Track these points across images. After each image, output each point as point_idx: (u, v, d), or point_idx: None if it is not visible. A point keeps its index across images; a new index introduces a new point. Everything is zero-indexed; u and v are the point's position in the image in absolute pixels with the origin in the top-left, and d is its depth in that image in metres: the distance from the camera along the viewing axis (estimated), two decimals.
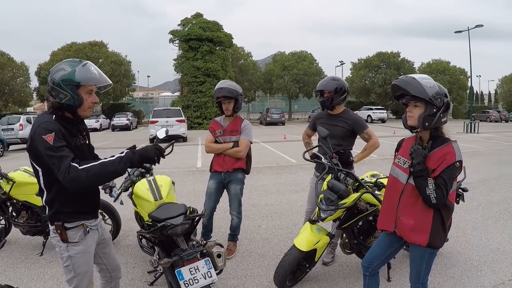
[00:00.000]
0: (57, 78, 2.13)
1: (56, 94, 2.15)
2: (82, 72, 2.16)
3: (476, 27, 30.49)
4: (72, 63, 2.19)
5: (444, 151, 2.36)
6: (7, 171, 4.56)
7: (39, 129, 2.07)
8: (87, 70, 2.19)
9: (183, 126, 19.33)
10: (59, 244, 2.25)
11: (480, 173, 9.42)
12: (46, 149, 2.01)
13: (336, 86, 3.84)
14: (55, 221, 2.21)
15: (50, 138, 2.03)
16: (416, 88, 2.32)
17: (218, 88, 4.18)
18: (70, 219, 2.24)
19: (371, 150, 3.95)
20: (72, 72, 2.13)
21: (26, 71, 38.50)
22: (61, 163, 1.99)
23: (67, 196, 2.16)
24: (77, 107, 2.19)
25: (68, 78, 2.12)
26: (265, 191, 7.70)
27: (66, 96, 2.14)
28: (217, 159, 4.34)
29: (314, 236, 3.33)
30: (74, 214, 2.25)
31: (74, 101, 2.16)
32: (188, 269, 2.65)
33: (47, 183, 2.19)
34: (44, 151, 2.02)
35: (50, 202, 2.21)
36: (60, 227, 2.20)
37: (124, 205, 4.16)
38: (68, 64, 2.18)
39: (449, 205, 2.45)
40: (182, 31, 33.86)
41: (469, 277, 3.79)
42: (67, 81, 2.12)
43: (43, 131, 2.05)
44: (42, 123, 2.10)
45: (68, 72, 2.13)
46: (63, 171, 1.97)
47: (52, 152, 2.01)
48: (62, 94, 2.14)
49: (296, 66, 41.54)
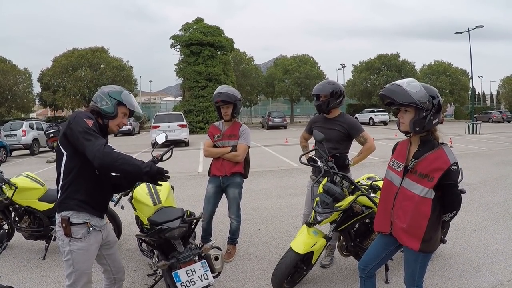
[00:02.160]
0: (106, 90, 2.56)
1: (100, 100, 2.51)
2: (127, 96, 2.58)
3: (476, 28, 30.50)
4: (121, 87, 2.64)
5: (435, 156, 2.38)
6: (9, 176, 4.61)
7: (81, 113, 2.37)
8: (131, 97, 2.62)
9: (185, 130, 19.41)
10: (62, 238, 2.40)
11: (481, 174, 9.42)
12: (85, 128, 2.25)
13: (332, 90, 3.88)
14: (63, 209, 2.36)
15: (90, 122, 2.31)
16: (402, 95, 2.36)
17: (217, 93, 4.22)
18: (78, 208, 2.36)
19: (367, 153, 3.97)
20: (120, 92, 2.57)
21: (28, 77, 38.73)
22: (98, 140, 2.21)
23: (81, 184, 2.38)
24: (111, 117, 2.52)
25: (116, 94, 2.55)
26: (265, 195, 7.73)
27: (108, 104, 2.51)
28: (215, 163, 4.39)
29: (311, 238, 3.36)
30: (83, 204, 2.38)
31: (112, 110, 2.51)
32: (185, 271, 2.70)
33: (67, 167, 2.38)
34: (82, 130, 2.24)
35: (64, 186, 2.39)
36: (65, 221, 2.34)
37: (125, 209, 4.22)
38: (118, 87, 2.63)
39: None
40: (183, 36, 33.96)
41: (467, 279, 3.80)
42: (114, 95, 2.54)
43: (85, 115, 2.35)
44: (81, 113, 2.39)
45: (116, 91, 2.57)
46: (99, 145, 2.18)
47: (90, 131, 2.25)
48: (105, 101, 2.51)
49: (297, 69, 41.56)
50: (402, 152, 2.61)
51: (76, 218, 2.36)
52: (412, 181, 2.47)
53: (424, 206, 2.41)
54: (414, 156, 2.49)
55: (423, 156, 2.42)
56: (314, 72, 41.69)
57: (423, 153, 2.43)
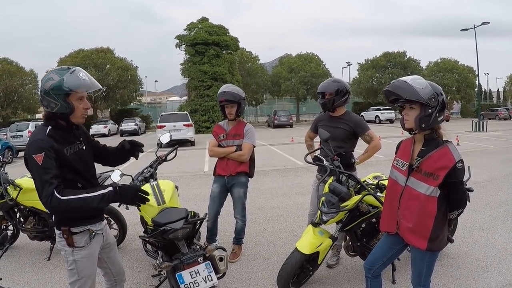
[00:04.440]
0: (47, 87, 2.15)
1: (47, 103, 2.18)
2: (71, 80, 2.16)
3: (482, 24, 30.26)
4: (60, 71, 2.20)
5: (440, 154, 2.35)
6: (16, 177, 4.63)
7: (31, 147, 2.14)
8: (76, 77, 2.19)
9: (191, 130, 19.40)
10: (64, 248, 2.30)
11: (488, 172, 9.33)
12: (36, 168, 2.10)
13: (337, 88, 3.84)
14: (61, 226, 2.26)
15: (39, 158, 2.09)
16: (408, 92, 2.33)
17: (221, 92, 4.21)
18: (76, 224, 2.28)
19: (372, 152, 3.93)
20: (61, 81, 2.14)
21: (34, 79, 38.97)
22: (44, 189, 2.06)
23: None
24: (69, 114, 2.22)
25: (57, 86, 2.14)
26: (271, 194, 7.70)
27: (57, 105, 2.17)
28: (220, 163, 4.37)
29: (317, 239, 3.32)
30: (79, 220, 2.29)
31: (65, 109, 2.19)
32: (189, 273, 2.69)
33: None
34: (34, 170, 2.10)
35: None
36: (66, 232, 2.25)
37: (129, 210, 4.21)
38: (56, 73, 2.19)
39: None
40: (188, 35, 34.01)
41: (475, 278, 3.76)
42: (56, 89, 2.14)
43: (34, 150, 2.12)
44: (34, 141, 2.16)
45: (56, 81, 2.14)
46: (45, 197, 2.05)
47: (40, 173, 2.09)
48: (52, 103, 2.17)
49: (303, 68, 41.45)
50: (406, 151, 2.58)
51: (76, 228, 2.28)
52: (417, 180, 2.44)
53: (429, 204, 2.38)
54: (419, 154, 2.46)
55: (428, 155, 2.39)
56: (320, 71, 41.55)
57: (427, 152, 2.40)
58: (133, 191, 2.17)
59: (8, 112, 36.00)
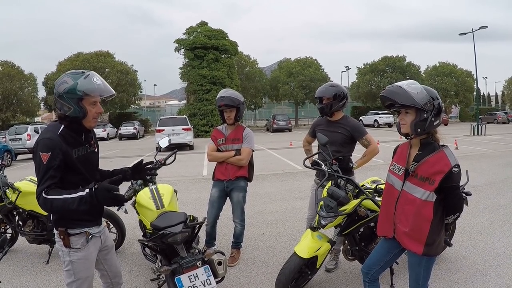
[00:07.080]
0: (60, 91, 2.17)
1: (61, 106, 2.21)
2: (85, 84, 2.17)
3: (480, 28, 30.34)
4: (74, 75, 2.20)
5: (436, 159, 2.36)
6: (15, 180, 4.62)
7: (40, 143, 2.17)
8: (90, 81, 2.20)
9: (190, 134, 19.41)
10: (62, 248, 2.33)
11: (486, 176, 9.36)
12: (39, 165, 2.15)
13: (335, 93, 3.86)
14: (58, 226, 2.29)
15: (45, 157, 2.12)
16: (403, 97, 2.34)
17: (220, 97, 4.22)
18: (73, 225, 2.30)
19: (370, 156, 3.95)
20: (75, 85, 2.15)
21: (34, 82, 38.99)
22: (39, 186, 2.13)
23: None
24: (81, 118, 2.25)
25: (71, 90, 2.16)
26: (269, 198, 7.70)
27: (70, 109, 2.19)
28: (219, 168, 4.37)
29: (315, 243, 3.33)
30: (77, 221, 2.31)
31: (78, 113, 2.20)
32: (188, 277, 2.69)
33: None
34: (38, 165, 2.15)
35: None
36: (63, 233, 2.27)
37: (128, 213, 4.21)
38: (70, 77, 2.20)
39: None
40: (187, 39, 34.11)
41: (473, 282, 3.76)
42: (70, 93, 2.16)
43: (42, 147, 2.15)
44: (44, 138, 2.18)
45: (70, 85, 2.16)
46: (37, 194, 2.12)
47: (42, 170, 2.13)
48: (66, 106, 2.19)
49: (302, 72, 41.52)
50: (402, 155, 2.59)
51: (73, 229, 2.30)
52: (413, 184, 2.45)
53: (426, 209, 2.39)
54: (415, 159, 2.47)
55: (423, 159, 2.40)
56: (318, 75, 41.63)
57: (423, 156, 2.42)
58: (105, 192, 2.14)
59: (7, 115, 36.04)
